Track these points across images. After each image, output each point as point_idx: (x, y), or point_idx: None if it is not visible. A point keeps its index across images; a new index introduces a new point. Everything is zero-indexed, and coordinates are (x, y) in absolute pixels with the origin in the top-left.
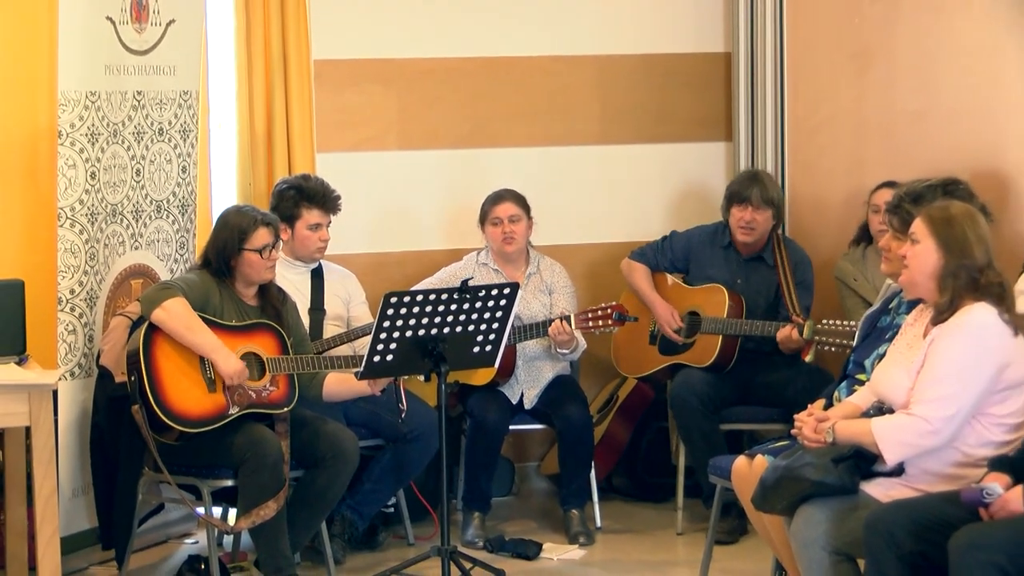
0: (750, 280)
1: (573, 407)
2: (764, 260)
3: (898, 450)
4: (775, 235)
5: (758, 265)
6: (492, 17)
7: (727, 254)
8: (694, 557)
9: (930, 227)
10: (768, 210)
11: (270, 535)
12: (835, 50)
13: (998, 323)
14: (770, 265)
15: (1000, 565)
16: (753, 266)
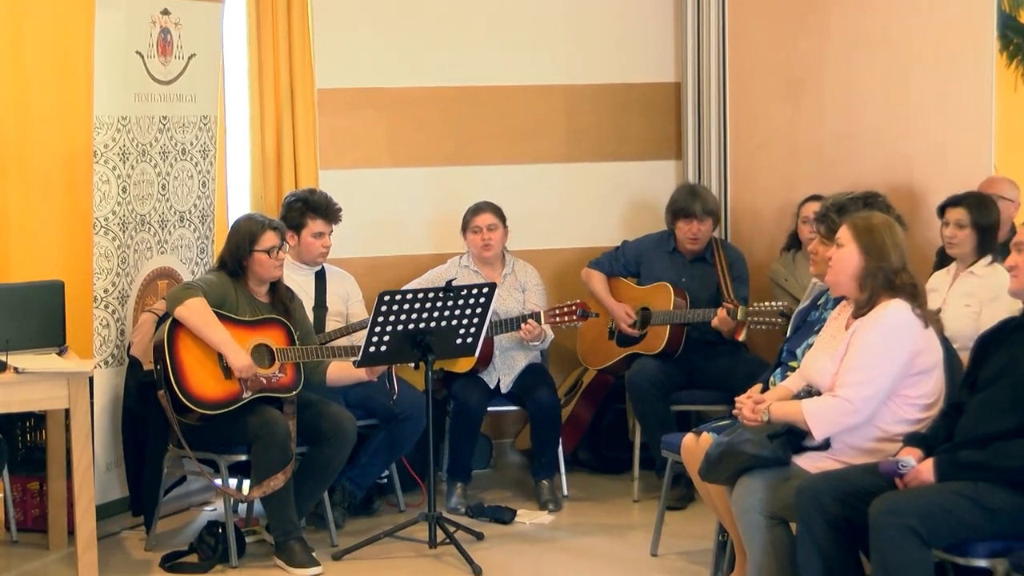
0: (693, 278)
1: (543, 391)
2: (705, 259)
3: (825, 427)
4: (713, 238)
5: (700, 264)
6: (472, 51)
7: (673, 257)
8: (648, 521)
9: (853, 234)
10: (709, 220)
11: (279, 503)
12: (771, 80)
13: (911, 317)
14: (710, 264)
15: (912, 527)
16: (696, 266)
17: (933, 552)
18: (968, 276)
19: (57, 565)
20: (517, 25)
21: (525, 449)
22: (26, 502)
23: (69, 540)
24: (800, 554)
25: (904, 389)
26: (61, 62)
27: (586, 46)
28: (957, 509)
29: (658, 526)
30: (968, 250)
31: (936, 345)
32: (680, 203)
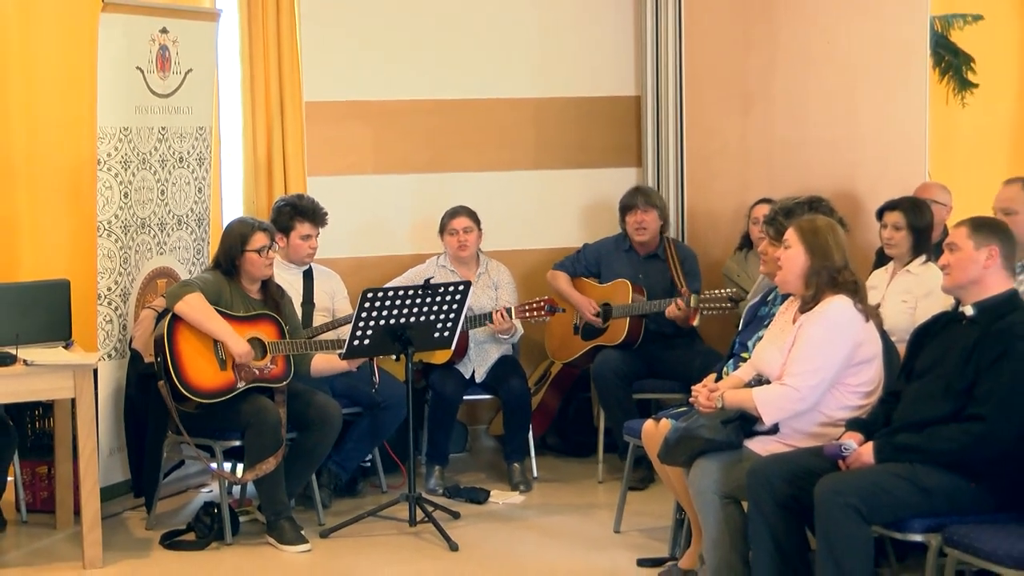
0: (649, 274)
1: (514, 381)
2: (658, 256)
3: (774, 413)
4: (665, 237)
5: (654, 261)
6: (449, 67)
7: (629, 256)
8: (612, 501)
9: (799, 236)
10: (653, 211)
11: (270, 485)
12: (724, 93)
13: (853, 312)
14: (663, 260)
15: (854, 505)
16: (650, 262)
17: (873, 528)
18: (905, 274)
19: (64, 543)
20: (490, 43)
21: (498, 435)
22: (35, 485)
23: (75, 520)
24: (751, 530)
25: (846, 378)
26: (67, 77)
27: (554, 62)
28: (895, 489)
29: (621, 505)
30: (905, 250)
31: (876, 337)
32: (625, 200)
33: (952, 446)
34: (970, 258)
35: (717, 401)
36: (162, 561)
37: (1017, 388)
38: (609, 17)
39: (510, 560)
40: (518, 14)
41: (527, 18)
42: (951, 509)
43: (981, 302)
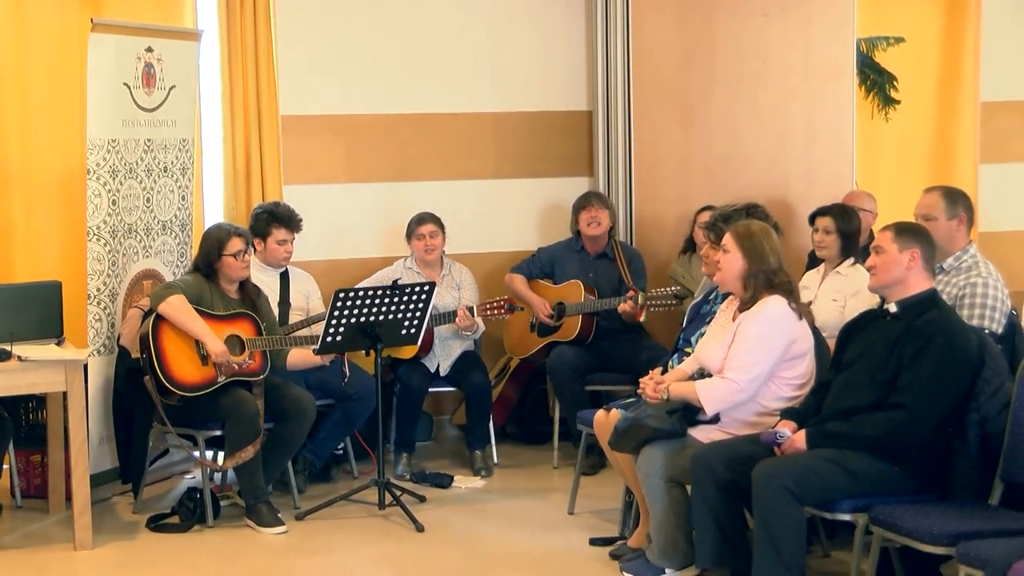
0: (598, 273)
1: (476, 374)
2: (607, 256)
3: (715, 404)
4: (613, 239)
5: (603, 261)
6: (415, 84)
7: (580, 257)
8: (566, 485)
9: (736, 240)
10: (605, 209)
11: (249, 471)
12: (669, 109)
13: (787, 310)
14: (612, 260)
15: (788, 488)
16: (600, 263)
17: (805, 508)
18: (835, 275)
19: (56, 526)
20: (453, 62)
21: (461, 424)
22: (29, 472)
23: (67, 505)
24: (694, 511)
25: (781, 371)
26: (59, 93)
27: (512, 80)
28: (825, 472)
29: (574, 489)
30: (834, 253)
31: (808, 334)
32: (579, 201)
33: (877, 432)
34: (894, 260)
35: (663, 393)
36: (148, 543)
37: (936, 379)
38: (562, 38)
39: (472, 540)
40: (479, 35)
41: (487, 39)
42: (876, 491)
43: (904, 300)
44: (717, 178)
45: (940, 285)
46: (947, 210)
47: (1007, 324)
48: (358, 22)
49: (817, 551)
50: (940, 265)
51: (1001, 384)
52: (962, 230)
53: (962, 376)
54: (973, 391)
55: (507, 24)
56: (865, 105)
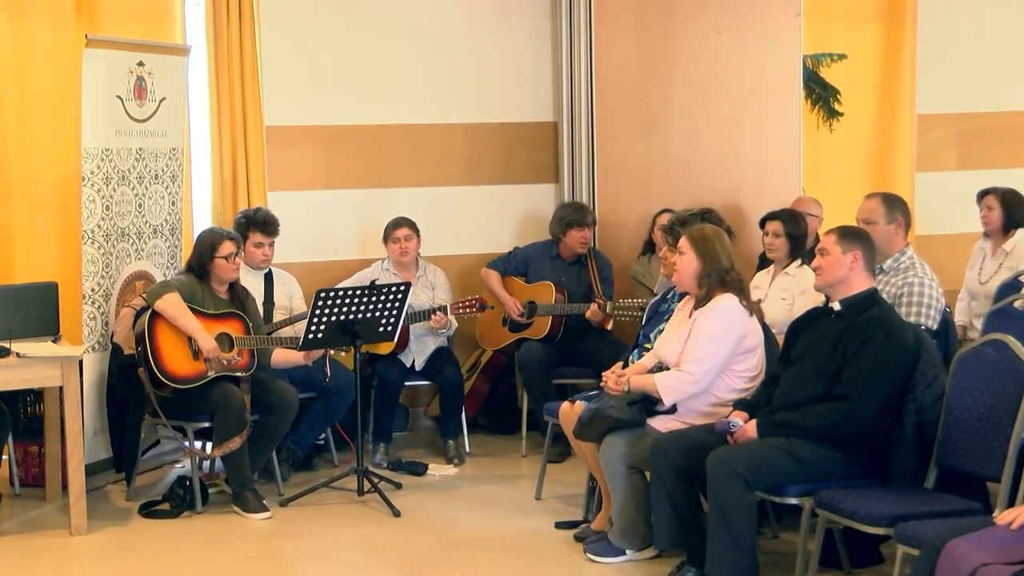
0: (570, 278)
1: (449, 369)
2: (580, 263)
3: (673, 395)
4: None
5: (576, 267)
6: (392, 96)
7: (555, 261)
8: (533, 472)
9: (692, 243)
10: (593, 227)
11: (236, 461)
12: (629, 119)
13: (739, 308)
14: (584, 266)
15: (740, 474)
16: (573, 268)
17: (756, 493)
18: (783, 275)
19: (53, 513)
20: (427, 76)
21: (435, 415)
22: (27, 462)
23: (63, 493)
24: (653, 496)
25: (734, 365)
26: (56, 105)
27: (482, 93)
28: (774, 459)
29: (541, 476)
30: (783, 255)
31: (758, 330)
32: (573, 215)
33: (822, 422)
34: (838, 261)
35: (624, 385)
36: (140, 528)
37: (877, 372)
38: (530, 53)
39: (445, 524)
40: (451, 52)
41: (459, 55)
42: (822, 476)
43: (847, 299)
44: (674, 184)
45: (880, 284)
46: (886, 215)
47: (941, 321)
48: (338, 39)
49: (767, 533)
50: (880, 266)
51: (936, 376)
52: (900, 233)
53: (900, 369)
54: (910, 383)
55: (478, 41)
56: (811, 117)
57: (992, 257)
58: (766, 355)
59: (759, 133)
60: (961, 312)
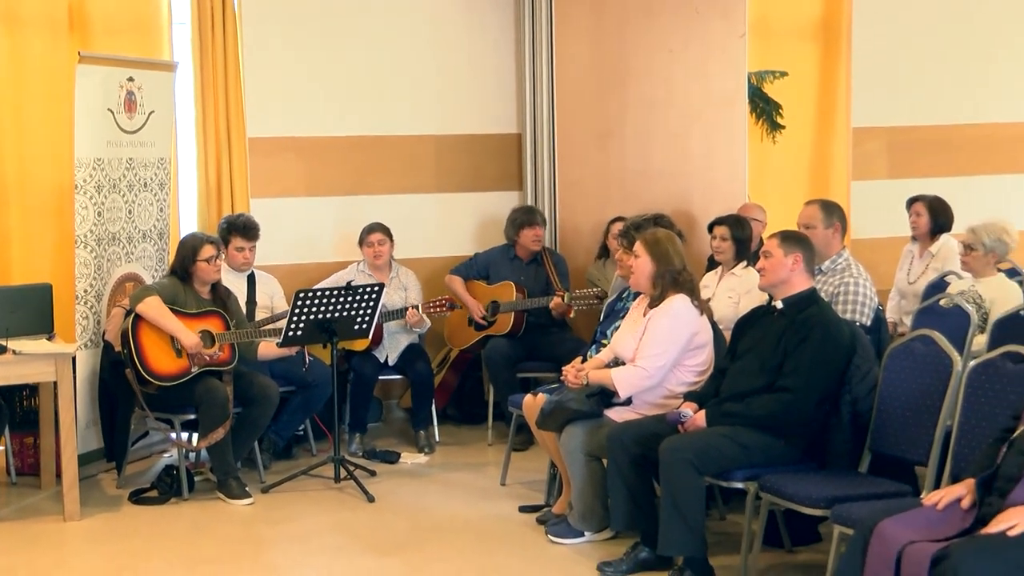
0: (529, 276)
1: (420, 364)
2: (537, 262)
3: (628, 388)
4: (543, 247)
5: (533, 266)
6: (366, 110)
7: (513, 262)
8: (499, 460)
9: (646, 246)
10: (544, 226)
11: (220, 450)
12: (587, 132)
13: (690, 307)
14: (541, 265)
15: (690, 460)
16: (530, 267)
17: (705, 478)
18: (730, 276)
19: (48, 500)
20: (399, 91)
21: (407, 407)
22: (23, 453)
23: (57, 481)
24: (610, 482)
25: (685, 360)
26: (51, 117)
27: (451, 106)
28: (722, 446)
29: (506, 463)
30: (730, 257)
31: (708, 327)
32: (523, 216)
33: (766, 412)
34: (780, 263)
35: (583, 379)
36: (130, 514)
37: (816, 366)
38: (495, 71)
39: (417, 508)
40: (422, 69)
41: (429, 72)
42: (765, 462)
43: (788, 298)
44: (629, 192)
45: (819, 284)
46: (824, 220)
47: (874, 318)
48: (317, 56)
49: (715, 515)
50: (819, 267)
51: (870, 369)
52: (837, 237)
53: (837, 363)
54: (846, 375)
55: (447, 59)
56: (755, 129)
57: (920, 259)
58: (714, 350)
59: (707, 144)
60: (892, 310)
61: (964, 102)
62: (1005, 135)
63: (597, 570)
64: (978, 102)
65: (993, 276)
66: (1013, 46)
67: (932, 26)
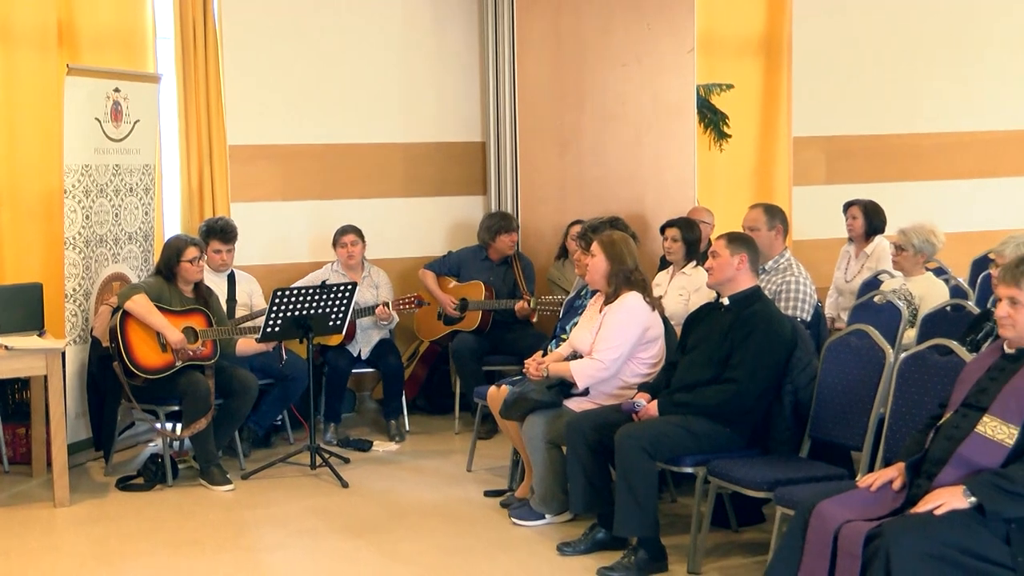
0: (498, 277)
1: (391, 358)
2: (507, 263)
3: (585, 380)
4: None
5: (503, 268)
6: (339, 119)
7: (484, 263)
8: (465, 447)
9: (602, 247)
10: (518, 232)
11: (203, 440)
12: (547, 141)
13: (643, 303)
14: (510, 267)
15: (643, 447)
16: (500, 269)
17: (657, 463)
18: (680, 275)
19: (39, 488)
20: (370, 102)
21: (379, 399)
22: (15, 442)
23: (47, 469)
24: (569, 467)
25: (638, 353)
26: (41, 126)
27: (419, 116)
28: (673, 434)
29: (472, 450)
30: (680, 257)
31: (659, 322)
32: (501, 223)
33: (714, 402)
34: (727, 263)
35: (543, 371)
36: (117, 500)
37: (759, 358)
38: (461, 82)
39: (388, 493)
40: (392, 81)
41: (399, 84)
42: (713, 448)
43: (734, 295)
44: (587, 197)
45: (763, 283)
46: (767, 223)
47: (814, 314)
48: (293, 69)
49: (667, 497)
50: (762, 267)
51: (809, 361)
52: (779, 239)
53: (780, 356)
54: (788, 367)
55: (415, 71)
56: (703, 139)
57: (856, 259)
58: (666, 344)
59: (659, 152)
60: (830, 306)
61: (894, 114)
62: (930, 144)
63: (557, 550)
64: (906, 114)
65: (922, 275)
66: (937, 63)
67: (866, 44)
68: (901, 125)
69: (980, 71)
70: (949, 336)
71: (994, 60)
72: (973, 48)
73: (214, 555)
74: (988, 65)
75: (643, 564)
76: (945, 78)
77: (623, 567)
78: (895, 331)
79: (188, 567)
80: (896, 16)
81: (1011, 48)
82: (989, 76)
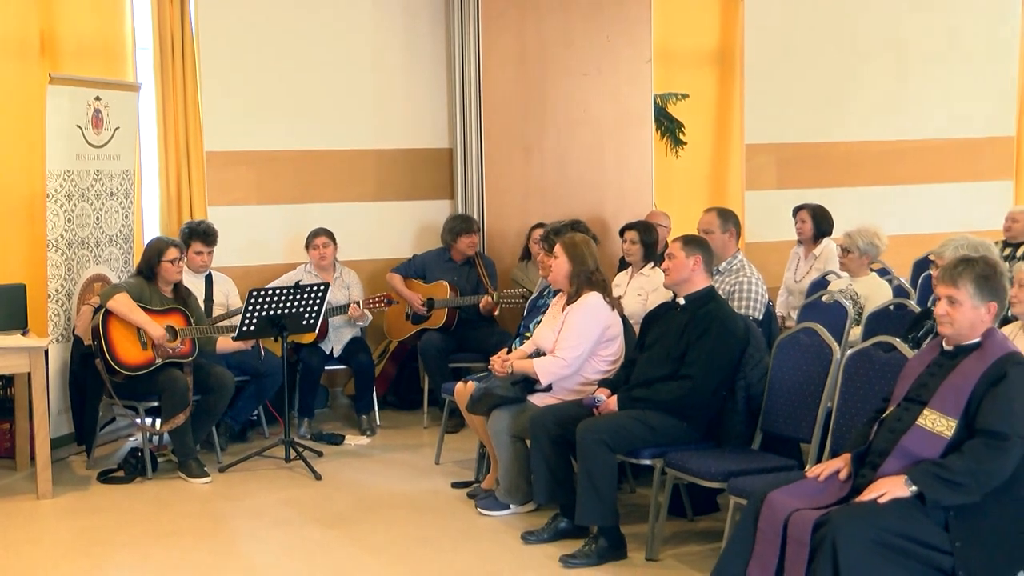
0: (462, 277)
1: (362, 355)
2: (469, 263)
3: (548, 377)
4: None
5: (466, 268)
6: (312, 126)
7: (448, 264)
8: (433, 441)
9: (564, 249)
10: (479, 234)
11: (181, 434)
12: (511, 146)
13: (603, 303)
14: (473, 267)
15: (604, 440)
16: (463, 269)
17: (617, 456)
18: (639, 276)
19: (23, 481)
20: (342, 109)
21: (350, 394)
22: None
23: (31, 463)
24: (532, 460)
25: (599, 351)
26: (24, 133)
27: (389, 124)
28: (632, 427)
29: (440, 444)
30: (639, 259)
31: (619, 321)
32: (461, 225)
33: (670, 397)
34: (682, 264)
35: (508, 368)
36: (98, 492)
37: (713, 356)
38: (429, 91)
39: (360, 485)
40: (363, 89)
41: (369, 92)
42: (670, 441)
43: (690, 295)
44: (549, 201)
45: (716, 283)
46: (721, 226)
47: (765, 313)
48: (268, 78)
49: (626, 488)
50: (716, 268)
51: (761, 358)
52: (732, 241)
53: (733, 353)
54: (741, 364)
55: (385, 81)
56: (660, 145)
57: (805, 260)
58: (625, 342)
59: (618, 158)
60: (780, 305)
61: (841, 123)
62: (875, 151)
63: (521, 538)
64: (852, 123)
65: (867, 275)
66: (880, 75)
67: (814, 55)
68: (848, 133)
69: (919, 83)
70: (892, 334)
71: (931, 73)
72: (912, 62)
73: (192, 545)
74: (926, 78)
75: (603, 552)
76: (887, 90)
77: (584, 555)
78: (842, 329)
79: (167, 557)
80: (841, 31)
81: (947, 62)
82: (926, 88)
